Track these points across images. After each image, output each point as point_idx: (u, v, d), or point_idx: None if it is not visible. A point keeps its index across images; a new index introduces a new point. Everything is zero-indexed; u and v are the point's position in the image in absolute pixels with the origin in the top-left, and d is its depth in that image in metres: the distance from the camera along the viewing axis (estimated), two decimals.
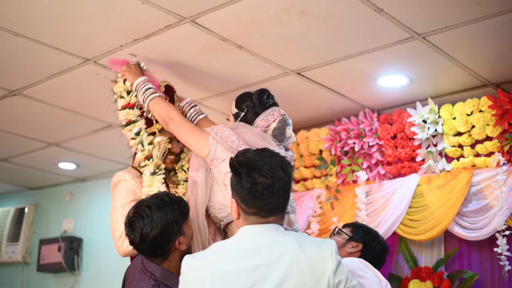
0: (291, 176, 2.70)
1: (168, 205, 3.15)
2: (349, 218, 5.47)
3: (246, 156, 2.68)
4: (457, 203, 4.96)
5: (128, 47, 4.50)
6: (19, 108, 5.70)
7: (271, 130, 3.48)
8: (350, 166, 5.64)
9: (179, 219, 3.15)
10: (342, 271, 2.56)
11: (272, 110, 3.52)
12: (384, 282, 3.48)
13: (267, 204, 2.60)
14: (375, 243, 3.91)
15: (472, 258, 5.05)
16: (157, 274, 3.16)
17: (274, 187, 2.58)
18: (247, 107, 3.54)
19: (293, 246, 2.55)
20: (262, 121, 3.49)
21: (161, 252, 3.18)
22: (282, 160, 2.69)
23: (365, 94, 5.34)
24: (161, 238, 3.12)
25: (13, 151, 7.06)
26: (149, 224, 3.11)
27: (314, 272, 2.50)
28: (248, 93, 3.62)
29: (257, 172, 2.58)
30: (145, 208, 3.14)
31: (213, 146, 3.35)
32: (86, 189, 8.26)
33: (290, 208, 3.41)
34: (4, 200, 9.13)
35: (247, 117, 3.53)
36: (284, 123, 3.52)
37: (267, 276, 2.50)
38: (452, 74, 4.87)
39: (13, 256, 8.41)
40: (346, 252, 3.82)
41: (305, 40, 4.40)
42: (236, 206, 2.67)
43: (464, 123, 5.01)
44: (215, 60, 4.73)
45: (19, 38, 4.35)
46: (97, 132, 6.34)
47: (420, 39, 4.30)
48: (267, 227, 2.62)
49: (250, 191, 2.58)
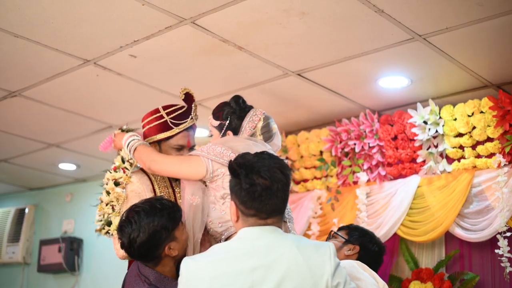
0: (290, 179, 2.70)
1: (157, 212, 3.13)
2: (350, 219, 5.46)
3: (245, 158, 2.68)
4: (458, 204, 4.95)
5: (128, 48, 4.50)
6: (19, 109, 5.71)
7: (258, 130, 3.46)
8: (351, 167, 5.63)
9: (169, 226, 3.13)
10: (341, 273, 2.55)
11: (253, 111, 3.50)
12: (382, 283, 3.47)
13: (265, 206, 2.58)
14: (371, 244, 3.91)
15: (473, 260, 5.03)
16: (151, 278, 3.16)
17: (272, 188, 2.58)
18: (228, 115, 3.49)
19: (291, 248, 2.54)
20: (249, 123, 3.45)
21: (151, 257, 3.18)
22: (281, 162, 2.69)
23: (365, 95, 5.33)
24: (148, 244, 3.12)
25: (13, 152, 7.08)
26: (137, 230, 3.10)
27: (313, 274, 2.49)
28: (223, 103, 3.57)
29: (255, 173, 2.58)
30: (134, 214, 3.14)
31: (209, 164, 3.29)
32: (86, 189, 8.25)
33: (287, 217, 3.39)
34: (5, 201, 9.14)
35: (232, 124, 3.48)
36: (268, 120, 3.50)
37: (265, 277, 2.49)
38: (453, 75, 4.86)
39: (13, 256, 8.42)
40: (344, 255, 3.81)
41: (305, 41, 4.39)
42: (235, 208, 2.66)
43: (465, 124, 5.00)
44: (215, 61, 4.72)
45: (18, 40, 4.35)
46: (97, 133, 6.34)
47: (421, 40, 4.29)
48: (265, 229, 2.61)
49: (248, 192, 2.57)
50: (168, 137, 3.70)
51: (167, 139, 3.70)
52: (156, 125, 3.71)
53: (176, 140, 3.70)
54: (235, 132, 3.47)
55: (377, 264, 3.92)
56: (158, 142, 3.70)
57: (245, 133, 3.44)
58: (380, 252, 3.97)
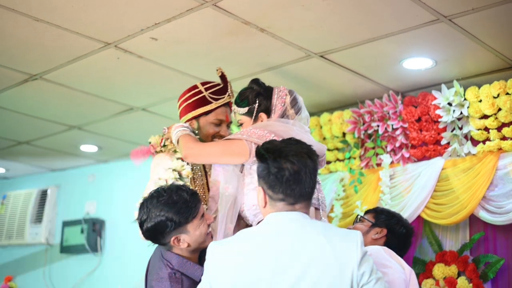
0: (317, 164, 2.71)
1: (170, 203, 3.13)
2: (373, 201, 5.43)
3: (273, 144, 2.70)
4: (483, 187, 4.90)
5: (149, 31, 4.47)
6: (40, 92, 5.72)
7: (288, 104, 3.42)
8: (374, 149, 5.59)
9: (176, 219, 3.12)
10: (367, 262, 2.52)
11: (277, 88, 3.47)
12: (408, 270, 3.43)
13: (293, 190, 2.58)
14: (399, 227, 3.86)
15: (498, 243, 5.00)
16: (174, 262, 3.17)
17: (300, 173, 2.57)
18: (256, 97, 3.46)
19: (318, 236, 2.53)
20: (278, 100, 3.42)
21: (159, 243, 3.22)
22: (308, 147, 2.69)
23: (389, 76, 5.27)
24: (154, 232, 3.15)
25: (35, 134, 7.12)
26: (146, 215, 3.14)
27: (338, 263, 2.47)
28: (244, 90, 3.53)
29: (283, 158, 2.59)
30: (150, 198, 3.17)
31: (252, 147, 3.22)
32: (108, 171, 8.29)
33: (320, 204, 3.36)
34: (27, 182, 9.20)
35: (262, 106, 3.44)
36: (294, 93, 3.49)
37: (291, 264, 2.48)
38: (478, 56, 4.79)
39: (36, 237, 8.49)
40: (371, 239, 3.78)
41: (328, 23, 4.34)
42: (263, 194, 2.66)
43: (491, 105, 4.92)
44: (237, 43, 4.68)
45: (39, 23, 4.33)
46: (118, 115, 6.36)
47: (446, 21, 4.21)
48: (293, 215, 2.60)
49: (276, 176, 2.58)
50: (207, 112, 3.69)
51: (206, 114, 3.69)
52: (195, 101, 3.70)
53: (215, 115, 3.71)
54: (267, 113, 3.43)
55: (405, 246, 3.89)
56: (196, 118, 3.70)
57: (277, 112, 3.41)
58: (408, 234, 3.92)
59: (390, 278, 3.20)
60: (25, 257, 8.90)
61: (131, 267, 7.35)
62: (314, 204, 3.29)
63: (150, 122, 6.46)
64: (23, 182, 9.28)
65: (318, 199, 3.36)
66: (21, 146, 7.60)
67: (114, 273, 7.80)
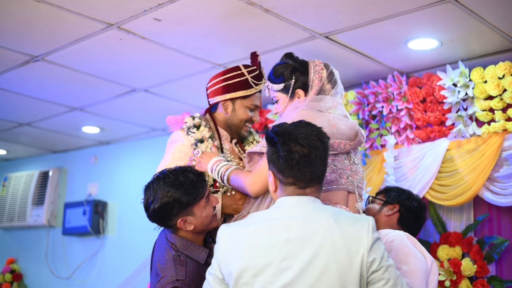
0: (328, 146, 2.67)
1: (176, 184, 3.14)
2: (378, 182, 5.42)
3: (282, 127, 2.67)
4: (488, 168, 4.88)
5: (152, 12, 4.42)
6: (42, 73, 5.69)
7: (325, 79, 3.37)
8: (378, 130, 5.56)
9: (183, 200, 3.12)
10: (378, 249, 2.50)
11: (312, 62, 3.40)
12: (430, 259, 3.37)
13: (304, 174, 2.57)
14: (410, 201, 3.94)
15: (502, 224, 4.99)
16: (178, 244, 3.19)
17: (310, 155, 2.56)
18: (292, 73, 3.39)
19: (329, 221, 2.51)
20: (315, 75, 3.36)
21: (165, 225, 3.24)
22: (318, 130, 2.66)
23: (394, 57, 5.23)
24: (160, 213, 3.16)
25: (37, 115, 7.10)
26: (152, 196, 3.15)
27: (348, 249, 2.45)
28: (278, 65, 3.46)
29: (293, 141, 2.57)
30: (156, 180, 3.18)
31: None
32: (111, 152, 8.28)
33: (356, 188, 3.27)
34: (28, 164, 9.19)
35: (298, 82, 3.37)
36: (330, 66, 3.44)
37: (300, 249, 2.47)
38: (484, 36, 4.75)
39: (38, 219, 8.48)
40: (384, 216, 3.83)
41: (333, 3, 4.29)
42: (273, 178, 2.65)
43: (496, 86, 4.89)
44: (241, 24, 4.64)
45: (41, 4, 4.29)
46: (120, 96, 6.33)
47: (452, 1, 4.17)
48: (304, 199, 2.59)
49: (286, 159, 2.56)
50: (247, 96, 3.69)
51: (244, 98, 3.70)
52: (236, 82, 3.69)
53: (252, 100, 3.73)
54: (304, 89, 3.37)
55: (418, 221, 3.96)
56: (233, 100, 3.70)
57: (314, 87, 3.35)
58: (420, 207, 3.98)
59: (412, 267, 3.19)
60: (27, 239, 8.91)
61: (133, 249, 7.38)
62: (347, 188, 3.23)
63: (152, 104, 6.45)
64: (24, 164, 9.27)
65: (353, 182, 3.27)
66: (22, 127, 7.58)
67: (116, 255, 7.82)
